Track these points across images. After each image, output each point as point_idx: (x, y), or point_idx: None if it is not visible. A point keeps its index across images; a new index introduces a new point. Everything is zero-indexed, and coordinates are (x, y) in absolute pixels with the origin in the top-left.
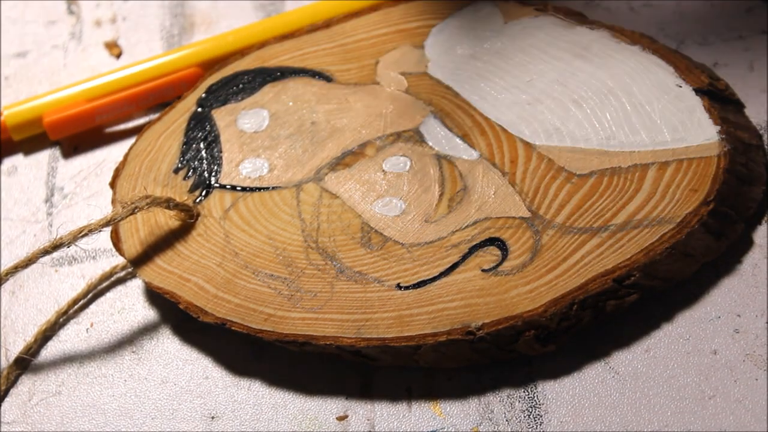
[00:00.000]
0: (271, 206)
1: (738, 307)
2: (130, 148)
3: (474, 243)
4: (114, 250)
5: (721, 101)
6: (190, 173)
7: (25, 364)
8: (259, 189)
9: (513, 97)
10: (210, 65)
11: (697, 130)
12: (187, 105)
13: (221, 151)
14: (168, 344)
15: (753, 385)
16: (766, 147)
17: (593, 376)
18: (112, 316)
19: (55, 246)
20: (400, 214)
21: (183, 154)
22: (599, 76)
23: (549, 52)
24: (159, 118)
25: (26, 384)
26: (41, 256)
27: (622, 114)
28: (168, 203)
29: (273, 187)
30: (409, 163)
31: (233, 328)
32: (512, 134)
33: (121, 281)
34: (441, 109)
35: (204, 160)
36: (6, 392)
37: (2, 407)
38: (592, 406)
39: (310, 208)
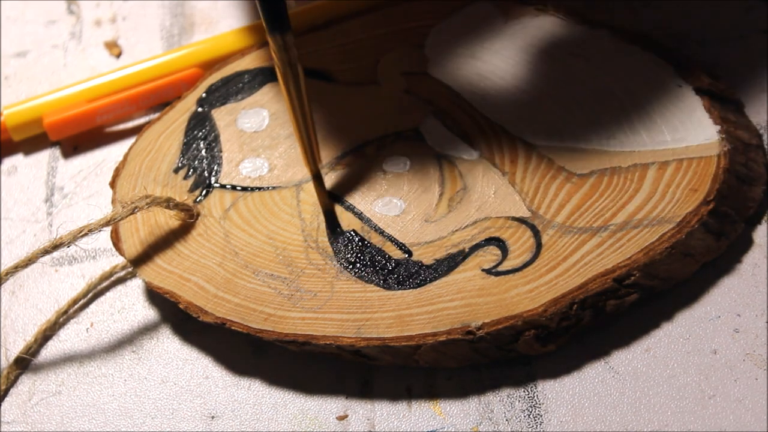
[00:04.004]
0: (271, 206)
1: (738, 306)
2: (130, 148)
3: (474, 243)
4: (114, 249)
5: (721, 101)
6: (190, 173)
7: (25, 363)
8: (259, 189)
9: (513, 97)
10: (210, 65)
11: (697, 129)
12: (187, 105)
13: (221, 151)
14: (168, 344)
15: (753, 385)
16: (766, 147)
17: (593, 376)
18: (112, 316)
19: (55, 246)
20: (400, 213)
21: (183, 153)
22: (599, 76)
23: (549, 52)
24: (159, 118)
25: (26, 384)
26: (41, 256)
27: (622, 114)
28: (168, 203)
29: (273, 187)
30: (409, 163)
31: (233, 327)
32: (512, 134)
33: (121, 281)
34: (441, 109)
35: (204, 160)
36: (6, 392)
37: (2, 407)
38: (592, 405)
39: (310, 207)
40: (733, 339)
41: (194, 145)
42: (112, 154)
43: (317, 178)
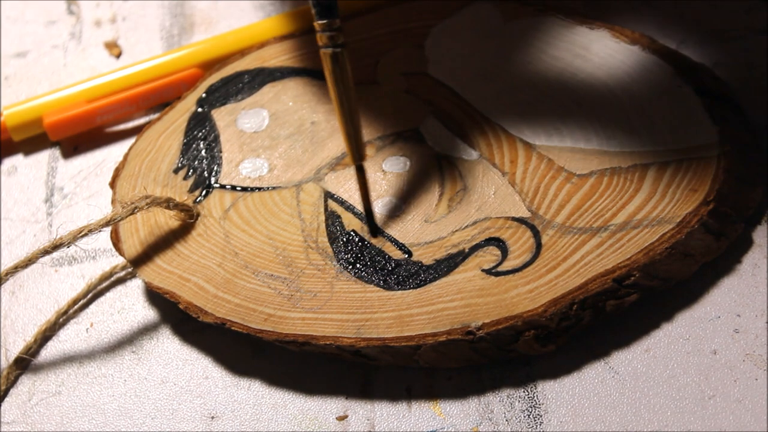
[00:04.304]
0: (271, 206)
1: (738, 307)
2: (130, 148)
3: (474, 243)
4: (114, 250)
5: (721, 101)
6: (190, 173)
7: (25, 364)
8: (259, 189)
9: (513, 97)
10: (210, 65)
11: (696, 130)
12: (187, 105)
13: (221, 151)
14: (168, 344)
15: (753, 385)
16: (766, 147)
17: (593, 376)
18: (112, 316)
19: (55, 246)
20: (400, 214)
21: (183, 153)
22: (599, 76)
23: (549, 52)
24: (159, 118)
25: (26, 384)
26: (41, 256)
27: (622, 114)
28: (168, 203)
29: (273, 187)
30: (409, 163)
31: (233, 328)
32: (512, 134)
33: (120, 281)
34: (441, 109)
35: (204, 160)
36: (6, 392)
37: (2, 407)
38: (592, 406)
39: (310, 208)
40: (733, 339)
41: (194, 146)
42: (112, 154)
43: (360, 171)
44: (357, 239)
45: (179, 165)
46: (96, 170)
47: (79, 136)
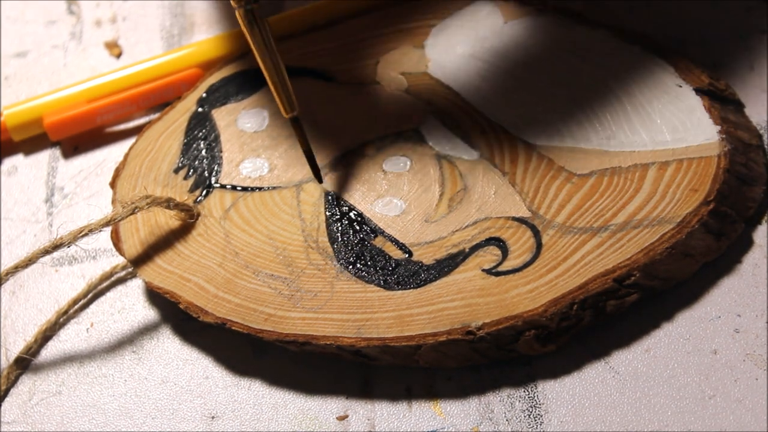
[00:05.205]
0: (271, 206)
1: (738, 307)
2: (131, 148)
3: (474, 243)
4: (114, 249)
5: (721, 101)
6: (190, 173)
7: (25, 363)
8: (260, 189)
9: (513, 97)
10: (210, 65)
11: (697, 130)
12: (188, 105)
13: (221, 151)
14: (168, 344)
15: (753, 385)
16: (766, 147)
17: (593, 376)
18: (112, 316)
19: (55, 246)
20: (400, 214)
21: (183, 153)
22: (599, 76)
23: (549, 52)
24: (159, 118)
25: (26, 384)
26: (41, 256)
27: (622, 114)
28: (168, 203)
29: (273, 187)
30: (409, 163)
31: (233, 327)
32: (512, 134)
33: (121, 281)
34: (441, 109)
35: (204, 160)
36: (6, 392)
37: (2, 407)
38: (592, 406)
39: (311, 207)
40: (733, 339)
41: (194, 145)
42: (113, 154)
43: (296, 121)
44: (357, 239)
45: (179, 165)
46: (96, 170)
47: (79, 136)
